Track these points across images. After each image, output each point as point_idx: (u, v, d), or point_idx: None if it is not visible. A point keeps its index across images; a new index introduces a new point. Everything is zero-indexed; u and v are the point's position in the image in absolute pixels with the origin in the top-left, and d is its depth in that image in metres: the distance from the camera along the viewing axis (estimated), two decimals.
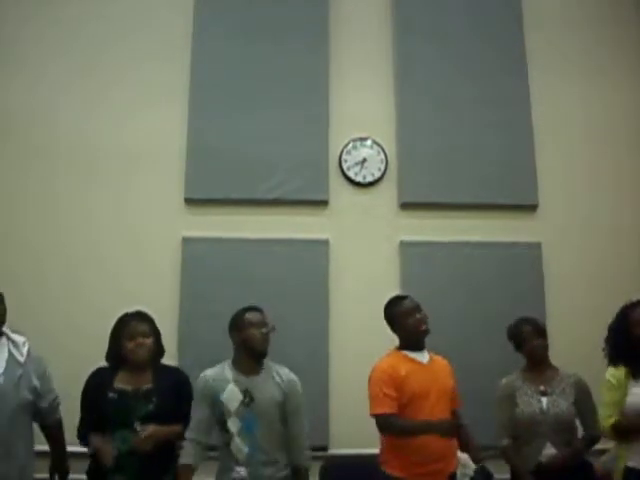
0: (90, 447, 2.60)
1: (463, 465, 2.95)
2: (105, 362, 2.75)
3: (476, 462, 2.83)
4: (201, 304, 3.79)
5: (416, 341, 2.78)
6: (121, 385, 2.63)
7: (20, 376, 2.55)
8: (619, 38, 4.47)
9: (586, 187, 4.23)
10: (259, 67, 4.18)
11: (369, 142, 4.17)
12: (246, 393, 2.61)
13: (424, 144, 4.15)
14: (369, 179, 4.13)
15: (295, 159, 4.06)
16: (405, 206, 4.11)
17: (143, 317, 2.74)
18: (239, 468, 2.58)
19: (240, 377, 2.64)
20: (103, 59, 4.18)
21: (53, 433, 2.76)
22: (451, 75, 4.25)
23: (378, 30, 4.35)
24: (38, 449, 2.73)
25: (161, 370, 2.75)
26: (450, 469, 2.70)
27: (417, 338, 2.78)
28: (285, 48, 4.21)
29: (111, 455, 2.53)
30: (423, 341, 2.80)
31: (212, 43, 4.20)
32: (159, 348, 2.78)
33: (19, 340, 2.64)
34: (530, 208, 4.16)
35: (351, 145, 4.15)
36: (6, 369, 2.53)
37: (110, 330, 2.74)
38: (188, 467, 2.57)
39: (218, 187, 4.01)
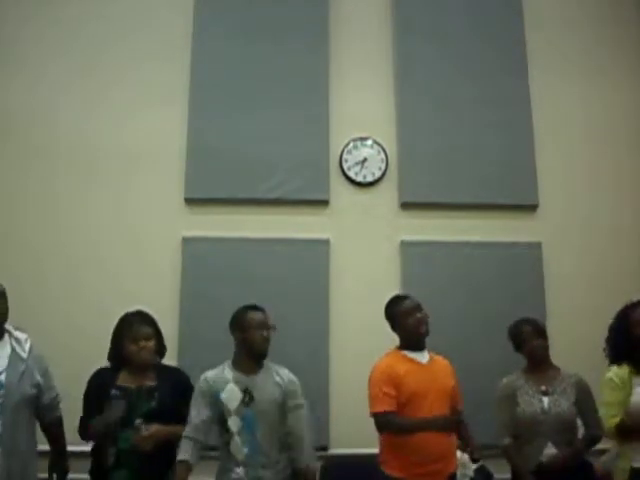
0: (94, 428, 2.58)
1: (463, 465, 2.95)
2: (106, 362, 2.76)
3: (475, 461, 2.83)
4: (201, 304, 3.79)
5: (416, 341, 2.78)
6: (124, 383, 2.64)
7: (23, 372, 2.57)
8: (619, 38, 4.47)
9: (586, 187, 4.23)
10: (259, 67, 4.18)
11: (369, 142, 4.17)
12: (246, 392, 2.61)
13: (424, 144, 4.15)
14: (369, 179, 4.13)
15: (295, 159, 4.06)
16: (405, 206, 4.11)
17: (145, 318, 2.74)
18: (238, 469, 2.57)
19: (240, 376, 2.64)
20: (103, 59, 4.18)
21: (53, 431, 2.76)
22: (451, 75, 4.25)
23: (378, 30, 4.35)
24: (39, 449, 2.72)
25: (163, 369, 2.77)
26: (450, 469, 2.70)
27: (417, 338, 2.78)
28: (285, 48, 4.21)
29: (117, 413, 2.53)
30: (423, 341, 2.80)
31: (212, 43, 4.20)
32: (161, 347, 2.79)
33: (21, 337, 2.66)
34: (530, 208, 4.16)
35: (351, 145, 4.15)
36: (9, 365, 2.55)
37: (112, 330, 2.75)
38: (185, 463, 2.55)
39: (218, 187, 4.01)
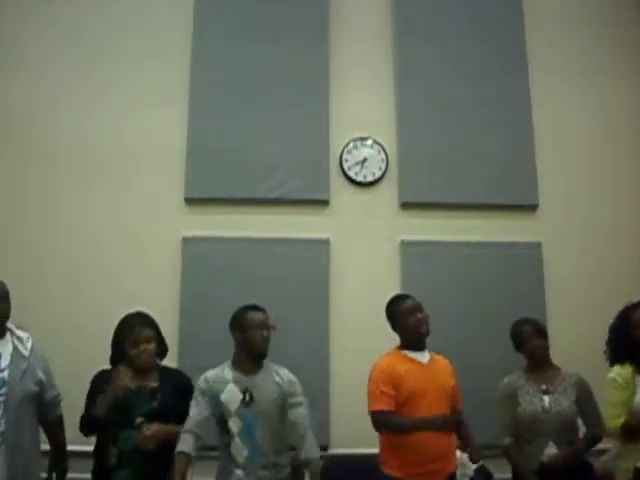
0: (96, 411, 2.58)
1: (463, 465, 2.96)
2: (106, 362, 2.75)
3: (474, 461, 2.83)
4: (202, 304, 3.79)
5: (417, 341, 2.78)
6: (126, 384, 2.64)
7: (25, 369, 2.58)
8: (619, 38, 4.47)
9: (586, 187, 4.23)
10: (259, 67, 4.18)
11: (369, 142, 4.17)
12: (246, 392, 2.60)
13: (424, 144, 4.15)
14: (369, 179, 4.13)
15: (295, 159, 4.06)
16: (405, 206, 4.11)
17: (145, 320, 2.74)
18: (238, 471, 2.57)
19: (240, 377, 2.64)
20: (103, 59, 4.18)
21: (54, 430, 2.77)
22: (451, 75, 4.25)
23: (378, 30, 4.35)
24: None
25: (164, 371, 2.77)
26: (449, 469, 2.70)
27: (417, 338, 2.77)
28: (285, 48, 4.21)
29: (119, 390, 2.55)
30: (424, 341, 2.80)
31: (212, 43, 4.20)
32: (162, 348, 2.79)
33: (23, 335, 2.67)
34: (530, 208, 4.16)
35: (351, 145, 4.15)
36: (11, 362, 2.56)
37: (112, 331, 2.75)
38: (185, 455, 2.52)
39: (218, 187, 4.01)
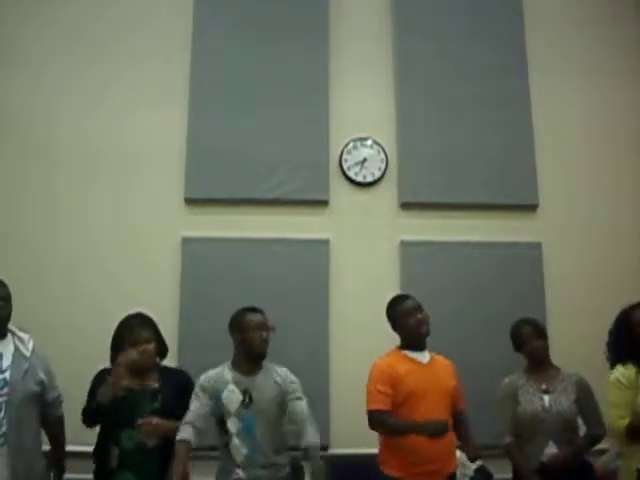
0: (99, 397, 2.57)
1: (463, 465, 2.95)
2: (106, 362, 2.75)
3: (471, 460, 2.83)
4: (201, 304, 3.79)
5: (417, 341, 2.78)
6: (128, 384, 2.63)
7: (26, 369, 2.59)
8: (619, 38, 4.47)
9: (586, 187, 4.23)
10: (259, 67, 4.18)
11: (369, 142, 4.17)
12: (246, 393, 2.61)
13: (424, 144, 4.15)
14: (369, 179, 4.12)
15: (295, 159, 4.06)
16: (405, 206, 4.11)
17: (145, 321, 2.74)
18: (238, 470, 2.57)
19: (240, 378, 2.64)
20: (103, 59, 4.18)
21: (54, 429, 2.77)
22: (451, 75, 4.25)
23: (378, 30, 4.35)
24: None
25: (165, 371, 2.78)
26: (449, 469, 2.70)
27: (418, 338, 2.78)
28: (285, 48, 4.21)
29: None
30: (424, 341, 2.80)
31: (212, 43, 4.19)
32: (162, 348, 2.79)
33: (24, 337, 2.68)
34: (530, 208, 4.16)
35: (351, 145, 4.15)
36: (13, 362, 2.57)
37: (112, 333, 2.75)
38: (185, 442, 2.49)
39: (218, 187, 4.01)
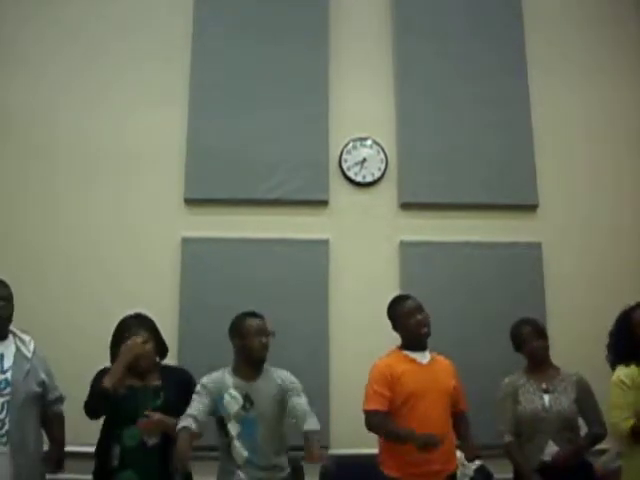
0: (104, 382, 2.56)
1: (463, 465, 2.96)
2: (105, 362, 2.74)
3: (469, 460, 2.83)
4: (201, 304, 3.79)
5: (417, 342, 2.78)
6: (130, 382, 2.63)
7: (28, 370, 2.61)
8: (619, 38, 4.47)
9: (586, 187, 4.23)
10: (259, 67, 4.18)
11: (369, 142, 4.16)
12: (246, 398, 2.61)
13: (424, 144, 4.15)
14: (369, 179, 4.12)
15: (295, 159, 4.06)
16: (405, 206, 4.11)
17: (143, 321, 2.74)
18: (239, 472, 2.57)
19: (240, 383, 2.64)
20: (103, 59, 4.18)
21: (54, 426, 2.77)
22: (451, 75, 4.25)
23: (378, 30, 4.35)
24: None
25: (167, 369, 2.78)
26: (449, 469, 2.70)
27: (418, 339, 2.78)
28: (285, 48, 4.20)
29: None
30: (425, 341, 2.80)
31: (212, 43, 4.19)
32: (161, 348, 2.79)
33: (26, 338, 2.71)
34: (530, 208, 4.16)
35: (351, 145, 4.15)
36: (14, 363, 2.59)
37: (111, 334, 2.74)
38: (186, 429, 2.45)
39: (218, 187, 4.01)
